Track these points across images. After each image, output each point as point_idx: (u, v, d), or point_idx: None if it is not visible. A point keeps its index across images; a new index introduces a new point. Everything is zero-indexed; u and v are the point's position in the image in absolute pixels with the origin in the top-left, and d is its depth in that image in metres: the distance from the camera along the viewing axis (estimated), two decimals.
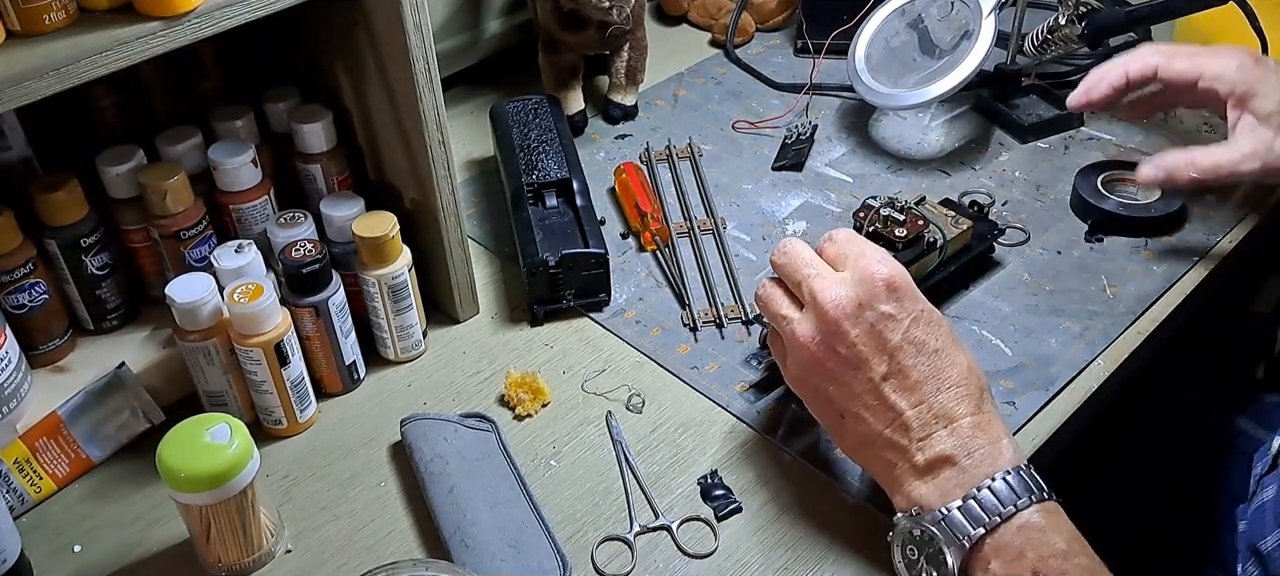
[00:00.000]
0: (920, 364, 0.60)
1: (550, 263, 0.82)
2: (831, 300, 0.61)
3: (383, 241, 0.75)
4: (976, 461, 0.57)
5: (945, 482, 0.58)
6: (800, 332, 0.63)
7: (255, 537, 0.66)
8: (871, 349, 0.60)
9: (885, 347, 0.60)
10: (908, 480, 0.59)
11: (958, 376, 0.60)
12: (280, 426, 0.75)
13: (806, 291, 0.63)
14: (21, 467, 0.70)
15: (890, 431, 0.60)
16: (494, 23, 1.16)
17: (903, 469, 0.60)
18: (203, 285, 0.71)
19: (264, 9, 0.62)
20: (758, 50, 1.22)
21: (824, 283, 0.62)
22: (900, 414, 0.60)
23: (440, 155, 0.76)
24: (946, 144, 1.04)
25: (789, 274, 0.65)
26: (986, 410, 0.60)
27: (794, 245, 0.65)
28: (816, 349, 0.62)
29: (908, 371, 0.60)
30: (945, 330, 0.62)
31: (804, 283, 0.63)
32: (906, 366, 0.60)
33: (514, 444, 0.73)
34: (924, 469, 0.59)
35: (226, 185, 0.78)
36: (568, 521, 0.69)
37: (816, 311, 0.62)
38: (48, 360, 0.77)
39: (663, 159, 1.03)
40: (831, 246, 0.65)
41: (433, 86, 0.73)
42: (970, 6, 0.97)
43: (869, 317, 0.60)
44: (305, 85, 0.84)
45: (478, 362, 0.82)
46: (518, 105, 0.99)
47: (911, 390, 0.60)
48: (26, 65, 0.55)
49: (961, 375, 0.60)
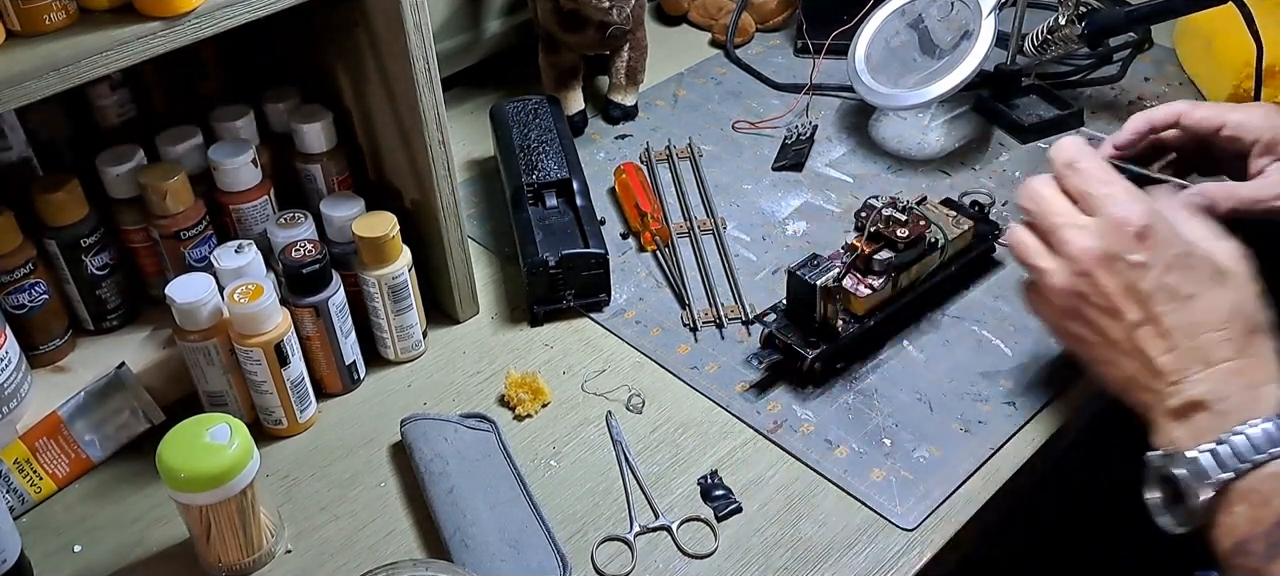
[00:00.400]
0: (1174, 310, 0.59)
1: (550, 263, 0.82)
2: (1082, 250, 0.61)
3: (383, 241, 0.75)
4: (1232, 406, 0.57)
5: (1198, 426, 0.57)
6: (1055, 282, 0.63)
7: (255, 538, 0.66)
8: (1124, 298, 0.60)
9: (1137, 296, 0.60)
10: (1162, 422, 0.60)
11: (1217, 320, 0.59)
12: (280, 426, 0.75)
13: (1057, 241, 0.63)
14: (22, 467, 0.70)
15: (1144, 376, 0.60)
16: (494, 23, 1.16)
17: (1157, 410, 0.60)
18: (203, 285, 0.71)
19: (264, 9, 0.62)
20: (758, 50, 1.22)
21: (1074, 233, 0.62)
22: (1151, 359, 0.60)
23: (440, 155, 0.76)
24: (947, 144, 1.04)
25: (1039, 220, 0.65)
26: (1253, 353, 0.59)
27: (1041, 188, 0.65)
28: (1070, 299, 0.63)
29: (1160, 318, 0.59)
30: (1207, 271, 0.60)
31: (1053, 232, 0.63)
32: (1159, 314, 0.59)
33: (514, 444, 0.73)
34: (1177, 412, 0.59)
35: (227, 185, 0.78)
36: (568, 521, 0.69)
37: (1069, 261, 0.62)
38: (48, 360, 0.77)
39: (663, 159, 1.03)
40: (1076, 179, 0.64)
41: (433, 86, 0.73)
42: (970, 6, 0.97)
43: (1120, 268, 0.60)
44: (305, 85, 0.84)
45: (478, 363, 0.82)
46: (518, 105, 0.99)
47: (1164, 336, 0.59)
48: (27, 65, 0.55)
49: (1222, 319, 0.59)
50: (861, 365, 0.79)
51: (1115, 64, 1.11)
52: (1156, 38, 1.14)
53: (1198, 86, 1.09)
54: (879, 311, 0.78)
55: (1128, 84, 1.10)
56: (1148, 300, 0.60)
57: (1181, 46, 1.14)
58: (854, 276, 0.77)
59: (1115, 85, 1.10)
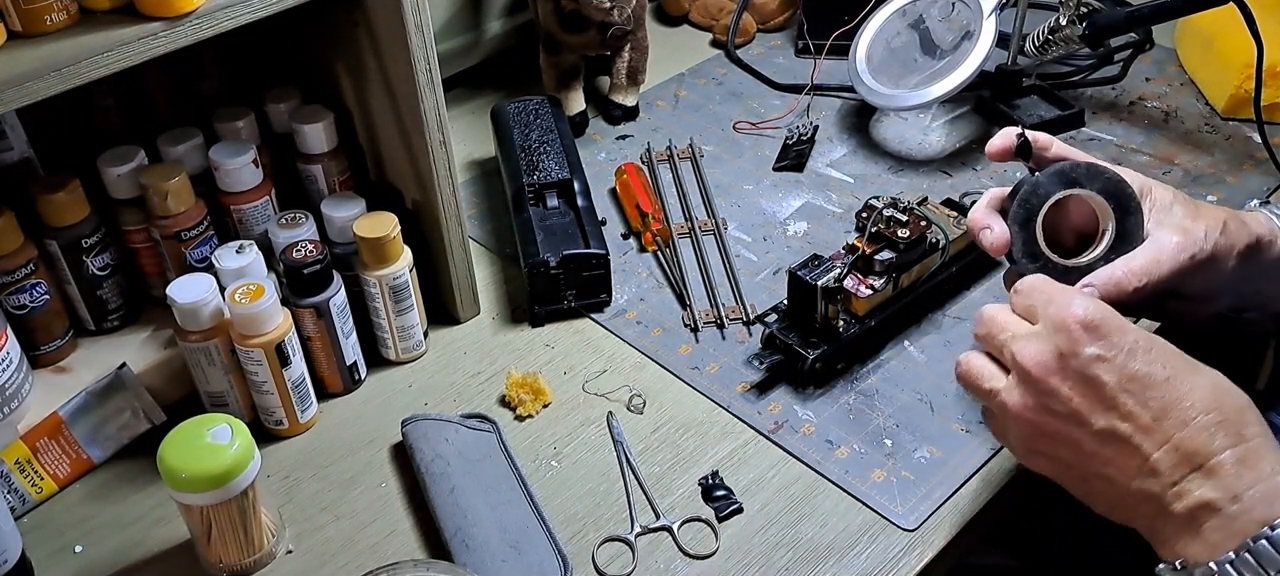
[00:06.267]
0: (1151, 399, 0.52)
1: (551, 263, 0.82)
2: (1031, 358, 0.55)
3: (384, 242, 0.75)
4: (1248, 505, 0.49)
5: (1212, 534, 0.50)
6: (1011, 403, 0.57)
7: (256, 538, 0.66)
8: (1088, 400, 0.53)
9: (1102, 396, 0.53)
10: (1170, 534, 0.52)
11: (1202, 403, 0.52)
12: (281, 427, 0.75)
13: (1008, 359, 0.57)
14: (23, 468, 0.70)
15: (1138, 481, 0.53)
16: (495, 23, 1.17)
17: (1162, 522, 0.52)
18: (204, 286, 0.71)
19: (265, 9, 0.62)
20: (759, 51, 1.22)
21: (1021, 344, 0.56)
22: (1145, 459, 0.52)
23: (441, 156, 0.76)
24: (947, 144, 1.04)
25: (990, 342, 0.59)
26: (1251, 435, 0.52)
27: (989, 310, 0.60)
28: (1032, 414, 0.56)
29: (1137, 414, 0.52)
30: (1173, 354, 0.54)
31: (1002, 350, 0.57)
32: (1133, 409, 0.52)
33: (515, 444, 0.73)
34: (1185, 519, 0.51)
35: (228, 186, 0.78)
36: (569, 522, 0.69)
37: (1020, 375, 0.56)
38: (49, 360, 0.77)
39: (664, 159, 1.03)
40: (1020, 298, 0.59)
41: (434, 87, 0.73)
42: (971, 7, 0.97)
43: (1076, 366, 0.53)
44: (306, 86, 0.84)
45: (479, 363, 0.82)
46: (519, 106, 0.99)
47: (1148, 431, 0.52)
48: (28, 65, 0.55)
49: (1206, 401, 0.52)
50: (862, 366, 0.79)
51: (1116, 64, 1.11)
52: (1157, 38, 1.14)
53: (1198, 87, 1.09)
54: (880, 312, 0.78)
55: (1129, 84, 1.10)
56: (1115, 397, 0.53)
57: (1182, 47, 1.14)
58: (855, 277, 0.77)
59: (1116, 85, 1.10)
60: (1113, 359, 0.53)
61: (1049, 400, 0.55)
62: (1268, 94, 0.96)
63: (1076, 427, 0.54)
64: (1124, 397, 0.53)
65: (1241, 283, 0.67)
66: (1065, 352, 0.54)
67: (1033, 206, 0.66)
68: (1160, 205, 0.66)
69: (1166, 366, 0.53)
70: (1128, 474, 0.53)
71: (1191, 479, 0.51)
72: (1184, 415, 0.52)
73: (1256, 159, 0.98)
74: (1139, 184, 0.68)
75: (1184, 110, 1.06)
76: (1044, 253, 0.67)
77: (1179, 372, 0.53)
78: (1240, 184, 0.95)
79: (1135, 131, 1.03)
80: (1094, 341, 0.53)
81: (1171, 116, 1.05)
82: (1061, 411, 0.54)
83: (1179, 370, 0.53)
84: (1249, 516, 0.49)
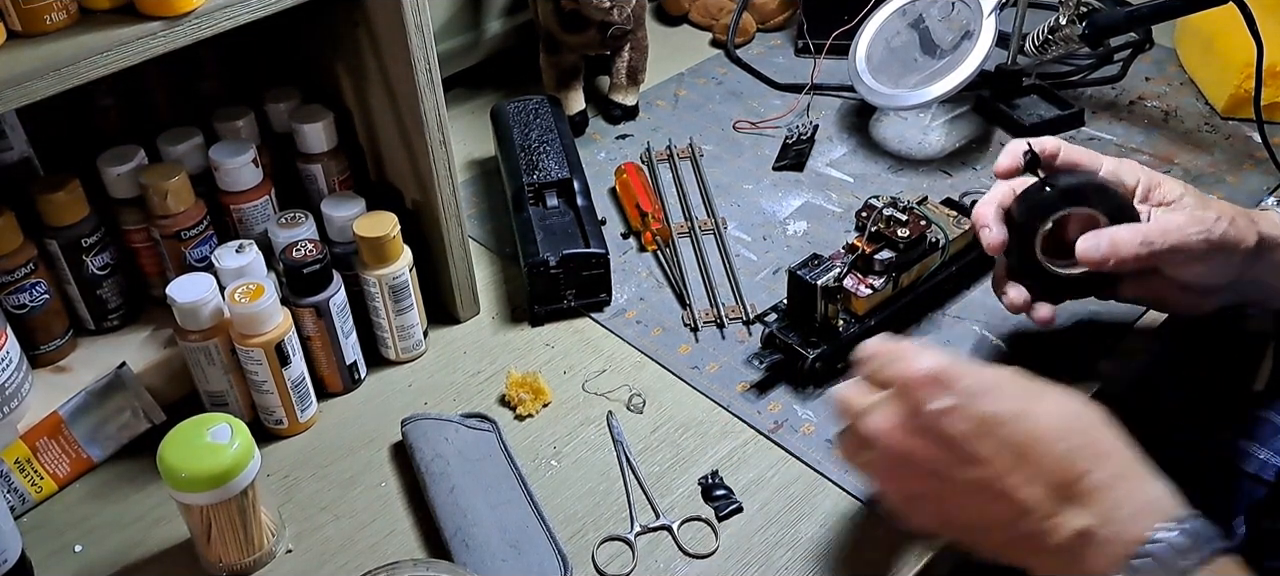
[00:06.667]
0: (1006, 440, 0.52)
1: (551, 263, 0.82)
2: (882, 428, 0.55)
3: (384, 241, 0.75)
4: (1121, 525, 0.49)
5: (1094, 561, 0.49)
6: (877, 472, 0.57)
7: (256, 537, 0.66)
8: (946, 456, 0.53)
9: (958, 448, 0.53)
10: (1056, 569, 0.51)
11: (1054, 430, 0.52)
12: (281, 426, 0.75)
13: (864, 433, 0.57)
14: (22, 467, 0.70)
15: (1014, 523, 0.52)
16: (495, 23, 1.17)
17: (1046, 559, 0.52)
18: (204, 285, 0.71)
19: (264, 9, 0.62)
20: (758, 50, 1.22)
21: (870, 416, 0.56)
22: (1014, 502, 0.51)
23: (441, 155, 0.76)
24: (947, 144, 1.04)
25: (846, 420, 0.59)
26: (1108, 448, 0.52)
27: (837, 392, 0.60)
28: (899, 481, 0.56)
29: (995, 459, 0.52)
30: (1016, 384, 0.54)
31: (857, 426, 0.57)
32: (991, 455, 0.52)
33: (515, 444, 0.73)
34: (1066, 552, 0.50)
35: (227, 185, 0.78)
36: (568, 521, 0.69)
37: (877, 446, 0.56)
38: (49, 360, 0.77)
39: (663, 159, 1.03)
40: (863, 367, 0.59)
41: (434, 87, 0.73)
42: (971, 6, 0.97)
43: (926, 424, 0.53)
44: (306, 85, 0.84)
45: (479, 362, 0.82)
46: (519, 105, 0.99)
47: (1011, 473, 0.51)
48: (28, 65, 0.55)
49: (1058, 427, 0.52)
50: None
51: (1116, 64, 1.11)
52: (1157, 38, 1.14)
53: (1198, 86, 1.09)
54: (880, 311, 0.78)
55: (1128, 84, 1.10)
56: (971, 448, 0.52)
57: (1182, 46, 1.14)
58: (855, 276, 0.77)
59: (1116, 85, 1.10)
60: (960, 407, 0.53)
61: (908, 464, 0.55)
62: (1267, 93, 0.96)
63: (942, 484, 0.54)
64: (979, 445, 0.52)
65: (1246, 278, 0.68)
66: (912, 410, 0.54)
67: (1035, 220, 0.68)
68: (1170, 195, 0.67)
69: (1013, 400, 0.53)
70: (1002, 519, 0.52)
71: (1064, 511, 0.50)
72: (1041, 448, 0.51)
73: (1256, 158, 0.98)
74: (1147, 178, 0.69)
75: (1184, 110, 1.06)
76: (1040, 262, 0.69)
77: (1026, 405, 0.53)
78: (1240, 183, 0.95)
79: (1135, 131, 1.03)
80: (938, 394, 0.53)
81: (1171, 116, 1.05)
82: (924, 472, 0.54)
83: (1026, 402, 0.53)
84: (1124, 537, 0.49)
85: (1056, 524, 0.50)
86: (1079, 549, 0.50)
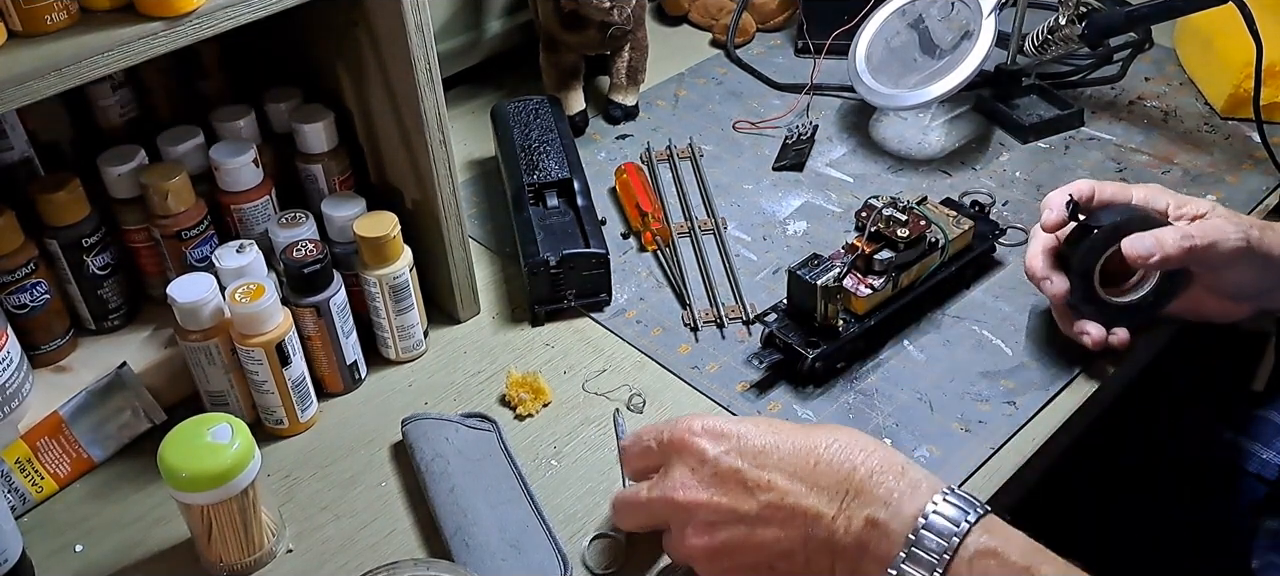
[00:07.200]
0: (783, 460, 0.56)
1: (551, 262, 0.82)
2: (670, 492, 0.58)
3: (384, 241, 0.75)
4: (898, 505, 0.53)
5: (880, 546, 0.53)
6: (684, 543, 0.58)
7: (256, 537, 0.66)
8: (733, 493, 0.56)
9: (742, 480, 0.56)
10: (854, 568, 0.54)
11: (823, 440, 0.56)
12: (281, 426, 0.75)
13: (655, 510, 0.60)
14: (23, 467, 0.70)
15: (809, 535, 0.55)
16: (495, 23, 1.17)
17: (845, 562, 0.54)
18: (204, 285, 0.71)
19: (265, 9, 0.62)
20: (758, 50, 1.22)
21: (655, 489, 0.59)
22: (804, 510, 0.55)
23: (441, 155, 0.76)
24: (947, 144, 1.04)
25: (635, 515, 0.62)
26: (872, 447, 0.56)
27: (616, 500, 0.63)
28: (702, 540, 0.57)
29: (776, 479, 0.55)
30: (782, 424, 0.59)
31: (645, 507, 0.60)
32: (773, 478, 0.56)
33: (515, 443, 0.73)
34: (857, 546, 0.53)
35: (228, 185, 0.78)
36: (569, 521, 0.69)
37: (669, 513, 0.59)
38: (49, 360, 0.77)
39: (663, 159, 1.03)
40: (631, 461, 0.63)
41: (434, 86, 0.73)
42: (971, 6, 0.97)
43: (709, 471, 0.57)
44: (306, 85, 0.84)
45: (479, 362, 0.82)
46: (519, 105, 0.99)
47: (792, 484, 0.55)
48: (28, 65, 0.55)
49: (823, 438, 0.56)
50: (862, 365, 0.79)
51: (1115, 64, 1.12)
52: (1157, 38, 1.14)
53: (1198, 86, 1.09)
54: (879, 311, 0.78)
55: (1128, 84, 1.10)
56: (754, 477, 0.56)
57: (1181, 46, 1.14)
58: (854, 276, 0.77)
59: (1115, 85, 1.10)
60: (736, 446, 0.57)
61: (699, 514, 0.57)
62: (1267, 93, 0.96)
63: (739, 525, 0.56)
64: (761, 472, 0.56)
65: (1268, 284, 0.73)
66: (690, 466, 0.57)
67: (1091, 260, 0.74)
68: (1200, 208, 0.73)
69: (782, 432, 0.57)
70: (798, 534, 0.55)
71: (849, 506, 0.54)
72: (813, 458, 0.55)
73: (1255, 158, 0.98)
74: (1177, 201, 0.75)
75: (1183, 110, 1.06)
76: (1099, 296, 0.75)
77: (794, 432, 0.57)
78: (1239, 183, 0.95)
79: (1134, 131, 1.03)
80: (714, 441, 0.57)
81: (1170, 116, 1.05)
82: (720, 518, 0.56)
83: (793, 431, 0.57)
84: (903, 515, 0.52)
85: (846, 519, 0.54)
86: (869, 537, 0.53)
